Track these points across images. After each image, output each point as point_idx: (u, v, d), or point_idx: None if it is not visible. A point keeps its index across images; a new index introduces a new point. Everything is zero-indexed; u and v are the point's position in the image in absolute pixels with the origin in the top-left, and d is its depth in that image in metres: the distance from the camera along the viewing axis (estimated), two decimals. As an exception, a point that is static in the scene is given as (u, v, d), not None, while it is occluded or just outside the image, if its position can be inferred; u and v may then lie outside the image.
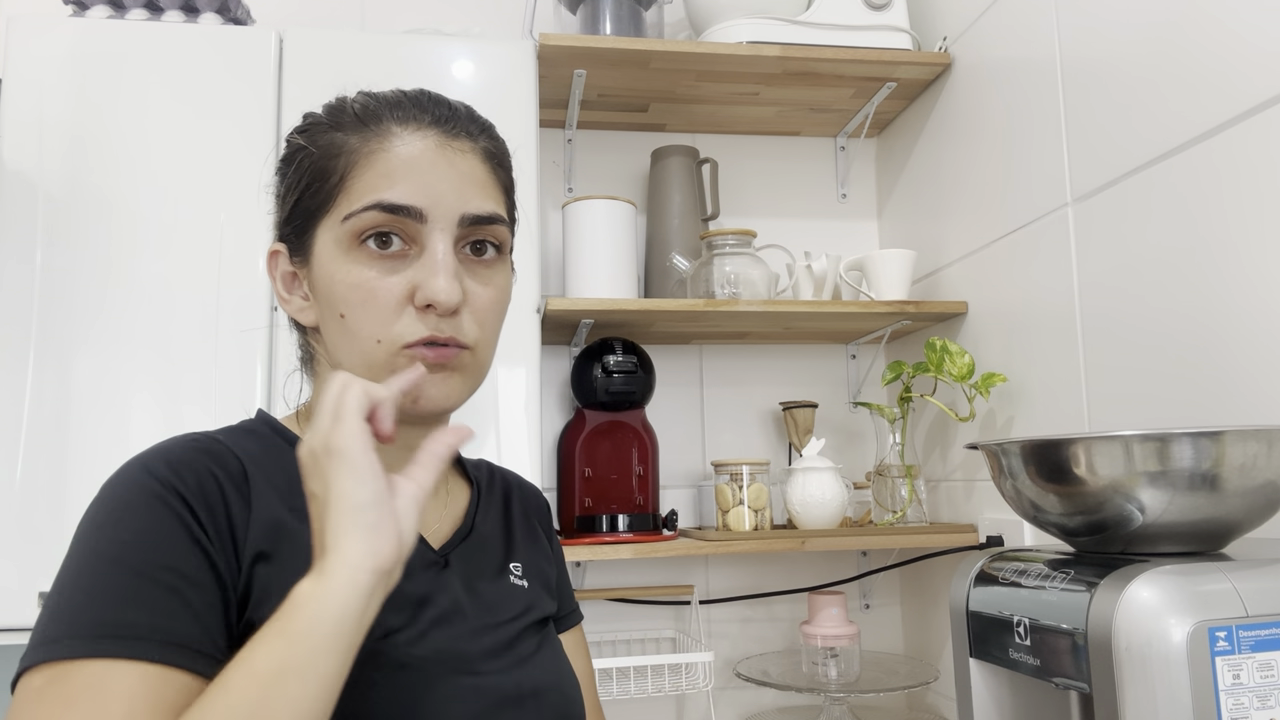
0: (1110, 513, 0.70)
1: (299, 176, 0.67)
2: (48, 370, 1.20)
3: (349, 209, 0.64)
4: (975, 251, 1.49)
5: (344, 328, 0.65)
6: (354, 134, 0.66)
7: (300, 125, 0.70)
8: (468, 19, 1.76)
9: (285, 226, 0.69)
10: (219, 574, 0.57)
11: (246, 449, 0.64)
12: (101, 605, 0.54)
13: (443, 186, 0.65)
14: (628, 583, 1.68)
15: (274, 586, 0.59)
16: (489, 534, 0.77)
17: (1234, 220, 0.95)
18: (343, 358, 0.66)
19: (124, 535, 0.56)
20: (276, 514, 0.61)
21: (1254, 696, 0.60)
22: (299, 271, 0.69)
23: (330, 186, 0.65)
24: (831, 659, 1.46)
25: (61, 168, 1.25)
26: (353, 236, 0.64)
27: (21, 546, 1.16)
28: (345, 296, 0.64)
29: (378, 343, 0.64)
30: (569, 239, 1.51)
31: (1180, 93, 1.03)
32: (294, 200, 0.67)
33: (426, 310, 0.64)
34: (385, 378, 0.64)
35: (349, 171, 0.65)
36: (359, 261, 0.64)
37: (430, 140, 0.66)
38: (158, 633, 0.53)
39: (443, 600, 0.66)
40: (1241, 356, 0.94)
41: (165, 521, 0.57)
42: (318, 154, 0.66)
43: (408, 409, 0.65)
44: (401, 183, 0.64)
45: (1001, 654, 0.76)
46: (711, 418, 1.75)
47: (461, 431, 0.59)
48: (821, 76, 1.59)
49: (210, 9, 1.40)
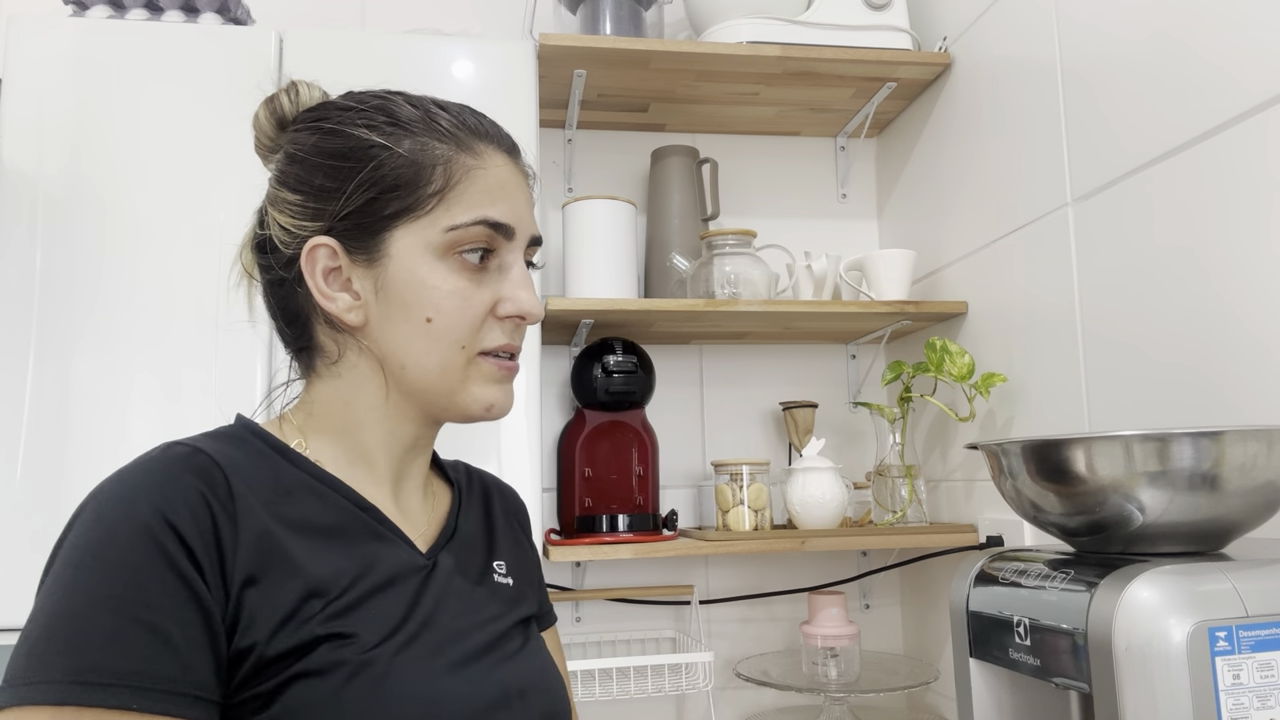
0: (1110, 513, 0.70)
1: (377, 175, 0.66)
2: (48, 370, 1.20)
3: (452, 221, 0.66)
4: (975, 251, 1.49)
5: (428, 332, 0.67)
6: (445, 145, 0.68)
7: (358, 118, 0.68)
8: (468, 19, 1.76)
9: (343, 220, 0.67)
10: (206, 606, 0.56)
11: (230, 458, 0.63)
12: (82, 649, 0.53)
13: (522, 209, 0.71)
14: (628, 583, 1.68)
15: (261, 610, 0.58)
16: (472, 534, 0.77)
17: (1234, 220, 0.95)
18: (410, 360, 0.67)
19: (109, 572, 0.55)
20: (263, 527, 0.61)
21: (1254, 696, 0.60)
22: (350, 269, 0.67)
23: (427, 194, 0.66)
24: (831, 659, 1.46)
25: (61, 168, 1.25)
26: (450, 246, 0.67)
27: (22, 547, 1.16)
28: (439, 303, 0.66)
29: (461, 349, 0.67)
30: (569, 239, 1.51)
31: (1180, 93, 1.03)
32: (367, 198, 0.66)
33: (507, 320, 0.69)
34: (460, 383, 0.68)
35: (452, 183, 0.67)
36: (454, 270, 0.67)
37: (512, 165, 0.71)
38: (136, 678, 0.53)
39: (430, 605, 0.66)
40: (1241, 356, 0.94)
41: (151, 556, 0.56)
42: (407, 156, 0.67)
43: (478, 415, 0.69)
44: (501, 202, 0.69)
45: (1001, 654, 0.76)
46: (711, 418, 1.75)
47: None
48: (821, 76, 1.59)
49: (210, 9, 1.40)
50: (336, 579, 0.62)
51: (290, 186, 0.69)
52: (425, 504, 0.75)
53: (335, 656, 0.58)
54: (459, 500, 0.79)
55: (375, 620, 0.62)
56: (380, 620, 0.62)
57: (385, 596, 0.64)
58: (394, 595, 0.64)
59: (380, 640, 0.61)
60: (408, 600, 0.65)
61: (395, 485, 0.72)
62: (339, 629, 0.60)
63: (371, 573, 0.64)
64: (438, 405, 0.69)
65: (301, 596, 0.59)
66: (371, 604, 0.63)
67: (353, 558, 0.64)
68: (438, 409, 0.70)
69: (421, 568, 0.68)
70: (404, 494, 0.73)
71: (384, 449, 0.70)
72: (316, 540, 0.63)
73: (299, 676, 0.57)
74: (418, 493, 0.74)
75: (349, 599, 0.61)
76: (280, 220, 0.69)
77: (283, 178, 0.69)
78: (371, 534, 0.67)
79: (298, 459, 0.67)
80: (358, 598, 0.62)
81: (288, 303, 0.70)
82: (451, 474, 0.82)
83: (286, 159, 0.70)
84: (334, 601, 0.61)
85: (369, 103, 0.69)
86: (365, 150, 0.67)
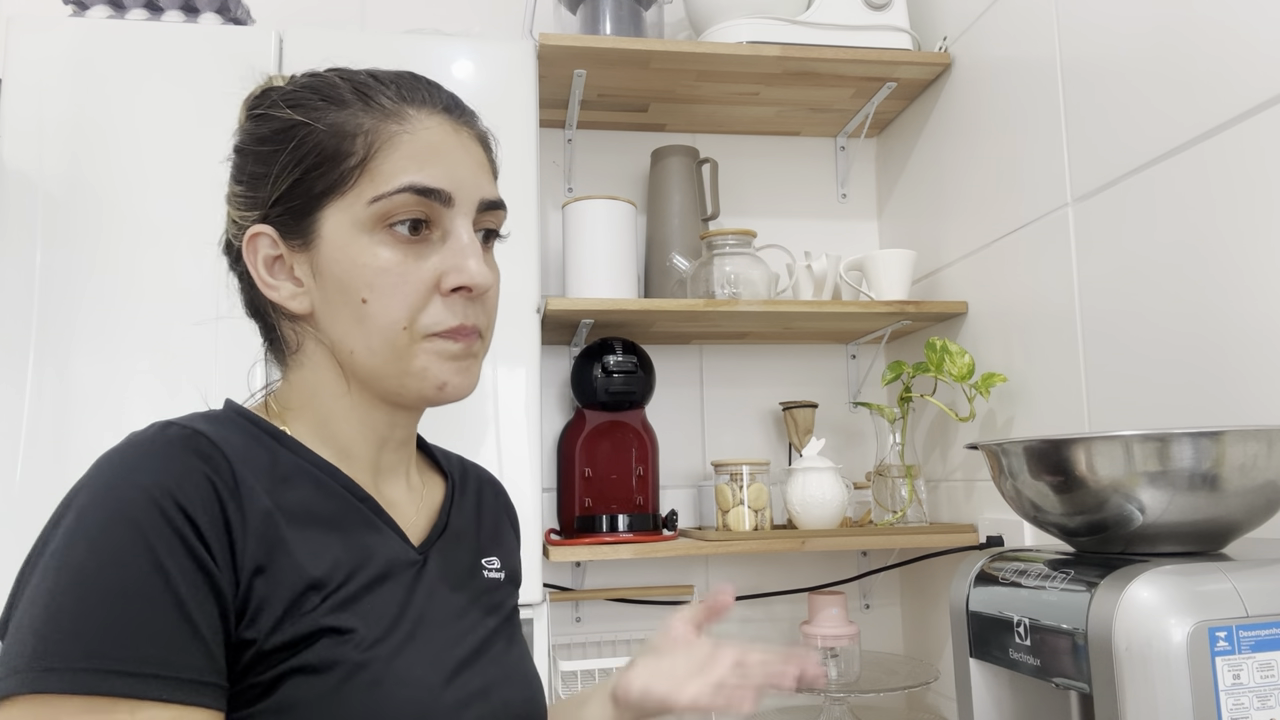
0: (1110, 513, 0.70)
1: (300, 155, 0.63)
2: (48, 370, 1.20)
3: (375, 191, 0.62)
4: (975, 251, 1.49)
5: (365, 313, 0.63)
6: (365, 113, 0.64)
7: (283, 98, 0.66)
8: (468, 19, 1.76)
9: (274, 207, 0.65)
10: (222, 592, 0.54)
11: (229, 441, 0.61)
12: (102, 634, 0.50)
13: (463, 171, 0.65)
14: (628, 583, 1.68)
15: (268, 600, 0.56)
16: (463, 529, 0.75)
17: (1234, 220, 0.95)
18: (357, 344, 0.64)
19: (130, 557, 0.52)
20: (267, 513, 0.59)
21: (1254, 696, 0.60)
22: (289, 255, 0.65)
23: (348, 167, 0.63)
24: (831, 659, 1.46)
25: (61, 168, 1.25)
26: (378, 219, 0.62)
27: (22, 546, 1.16)
28: (371, 281, 0.62)
29: (404, 329, 0.63)
30: (569, 239, 1.51)
31: (1180, 93, 1.03)
32: (292, 180, 0.64)
33: (453, 295, 0.64)
34: (406, 364, 0.63)
35: (372, 152, 0.63)
36: (385, 244, 0.62)
37: (446, 125, 0.66)
38: (165, 667, 0.50)
39: (421, 603, 0.65)
40: (1241, 356, 0.94)
41: (167, 538, 0.53)
42: (326, 131, 0.63)
43: (430, 397, 0.65)
44: (430, 166, 0.63)
45: (1001, 654, 0.76)
46: (711, 418, 1.75)
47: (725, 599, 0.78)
48: (821, 76, 1.59)
49: (210, 9, 1.40)
50: (334, 571, 0.60)
51: (234, 178, 0.68)
52: (412, 496, 0.73)
53: (333, 654, 0.57)
54: (452, 493, 0.76)
55: (372, 615, 0.60)
56: (376, 615, 0.61)
57: (381, 590, 0.62)
58: (388, 590, 0.63)
59: (376, 639, 0.60)
60: (401, 597, 0.64)
61: (376, 475, 0.69)
62: (338, 623, 0.58)
63: (368, 565, 0.62)
64: (391, 390, 0.65)
65: (303, 588, 0.58)
66: (368, 598, 0.61)
67: (350, 549, 0.62)
68: (393, 394, 0.66)
69: (414, 562, 0.67)
70: (387, 485, 0.70)
71: (360, 439, 0.68)
72: (315, 530, 0.61)
73: (297, 671, 0.56)
74: (402, 484, 0.72)
75: (347, 591, 0.60)
76: (230, 214, 0.68)
77: (231, 171, 0.68)
78: (367, 525, 0.65)
79: (293, 444, 0.65)
80: (355, 591, 0.61)
81: (251, 296, 0.69)
82: (445, 465, 0.79)
83: (233, 151, 0.69)
84: (333, 594, 0.59)
85: (300, 82, 0.67)
86: (288, 130, 0.64)
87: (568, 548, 1.37)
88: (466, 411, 1.29)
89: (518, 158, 1.36)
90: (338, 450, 0.67)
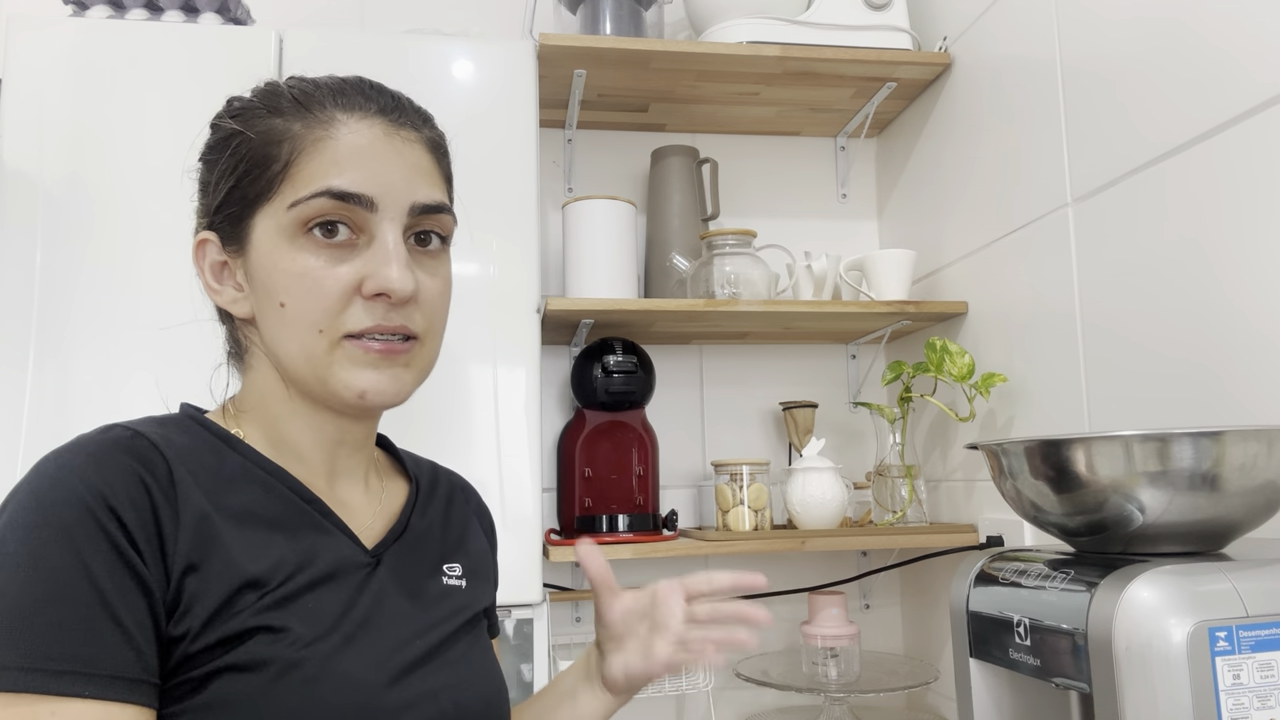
0: (1110, 513, 0.70)
1: (234, 163, 0.65)
2: (48, 370, 1.20)
3: (295, 196, 0.62)
4: (975, 251, 1.49)
5: (283, 317, 0.63)
6: (296, 120, 0.64)
7: (230, 109, 0.67)
8: (468, 19, 1.76)
9: (216, 214, 0.66)
10: (150, 590, 0.55)
11: (173, 443, 0.62)
12: (33, 635, 0.51)
13: (392, 176, 0.64)
14: (628, 583, 1.67)
15: (198, 598, 0.57)
16: (425, 533, 0.75)
17: (1234, 220, 0.95)
18: (281, 349, 0.64)
19: (52, 555, 0.53)
20: (204, 514, 0.59)
21: (1254, 696, 0.60)
22: (231, 261, 0.67)
23: (273, 173, 0.63)
24: (831, 659, 1.46)
25: (61, 168, 1.25)
26: (298, 224, 0.63)
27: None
28: (287, 285, 0.63)
29: (320, 333, 0.63)
30: (569, 239, 1.51)
31: (1180, 92, 1.03)
32: (228, 187, 0.65)
33: (375, 300, 0.63)
34: (325, 369, 0.63)
35: (294, 158, 0.63)
36: (304, 250, 0.63)
37: (377, 129, 0.65)
38: (92, 665, 0.52)
39: (368, 604, 0.64)
40: (1242, 356, 0.94)
41: (95, 539, 0.54)
42: (256, 140, 0.64)
43: (352, 403, 0.64)
44: (351, 170, 0.63)
45: (1001, 654, 0.76)
46: (711, 418, 1.75)
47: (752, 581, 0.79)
48: (821, 76, 1.59)
49: (210, 9, 1.40)
50: (274, 571, 0.60)
51: (196, 189, 0.70)
52: (370, 499, 0.73)
53: (265, 653, 0.57)
54: (414, 498, 0.76)
55: (310, 615, 0.60)
56: (315, 616, 0.61)
57: (323, 591, 0.62)
58: (332, 591, 0.63)
59: (314, 638, 0.60)
60: (346, 598, 0.63)
61: (331, 478, 0.70)
62: (270, 622, 0.58)
63: (311, 566, 0.62)
64: (319, 396, 0.66)
65: (238, 586, 0.58)
66: (308, 598, 0.61)
67: (293, 549, 0.62)
68: (322, 400, 0.66)
69: (364, 565, 0.66)
70: (343, 488, 0.71)
71: (310, 442, 0.68)
72: (258, 530, 0.62)
73: (228, 668, 0.56)
74: (358, 487, 0.72)
75: (285, 591, 0.60)
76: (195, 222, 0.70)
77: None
78: (314, 526, 0.65)
79: (242, 447, 0.66)
80: (294, 590, 0.60)
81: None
82: (413, 470, 0.79)
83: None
84: (270, 593, 0.59)
85: (255, 92, 0.68)
86: (227, 139, 0.66)
87: (568, 548, 1.37)
88: (466, 412, 1.29)
89: (518, 158, 1.36)
90: (290, 453, 0.68)
